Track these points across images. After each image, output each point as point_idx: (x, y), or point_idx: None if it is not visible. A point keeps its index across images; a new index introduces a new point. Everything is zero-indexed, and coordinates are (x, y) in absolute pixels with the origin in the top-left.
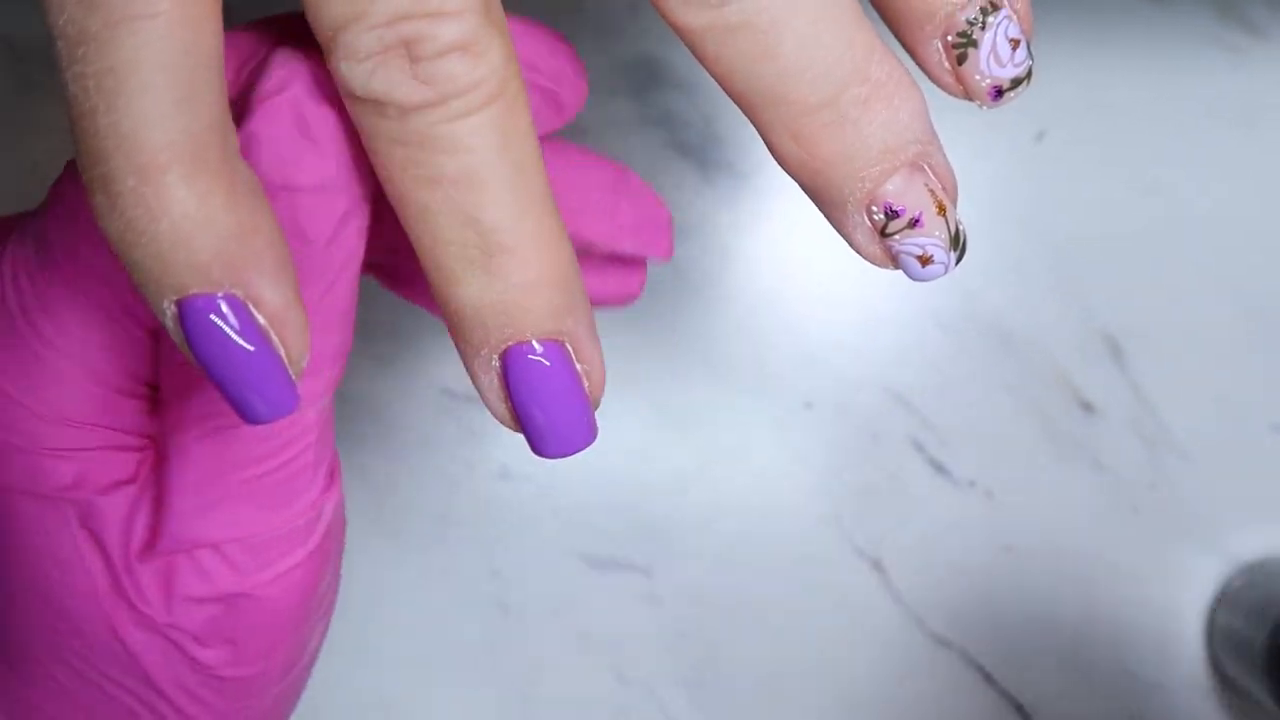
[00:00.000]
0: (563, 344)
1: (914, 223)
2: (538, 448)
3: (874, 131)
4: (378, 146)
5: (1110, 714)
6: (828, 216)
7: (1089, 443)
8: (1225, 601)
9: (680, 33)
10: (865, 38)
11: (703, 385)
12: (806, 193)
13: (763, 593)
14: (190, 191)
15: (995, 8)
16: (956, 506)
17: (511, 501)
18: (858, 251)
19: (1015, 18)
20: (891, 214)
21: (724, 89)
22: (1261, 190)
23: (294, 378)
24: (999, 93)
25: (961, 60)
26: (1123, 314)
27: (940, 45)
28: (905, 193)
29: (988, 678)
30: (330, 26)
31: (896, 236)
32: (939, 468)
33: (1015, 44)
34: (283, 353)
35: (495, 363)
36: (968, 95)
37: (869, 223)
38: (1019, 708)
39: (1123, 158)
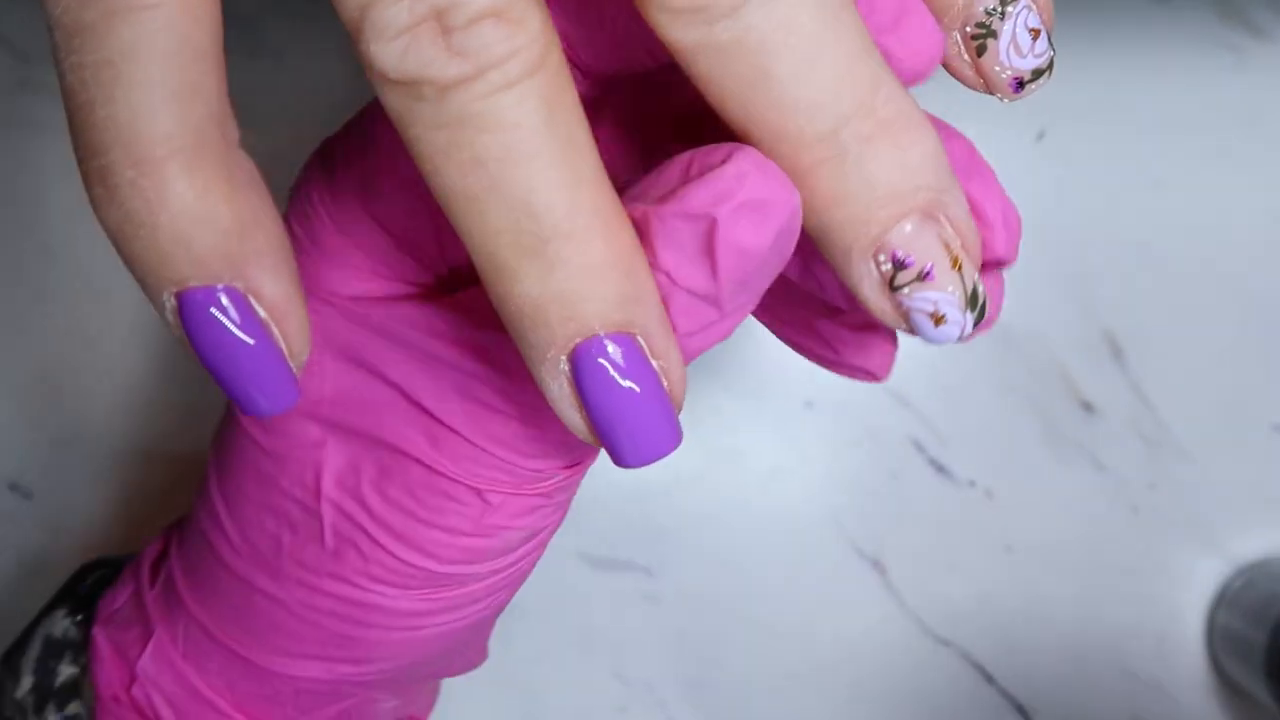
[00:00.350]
0: (634, 337)
1: (924, 275)
2: (620, 458)
3: (878, 172)
4: (417, 134)
5: (1110, 714)
6: (835, 267)
7: (1089, 443)
8: (1225, 601)
9: (672, 51)
10: (872, 69)
11: (703, 385)
12: (812, 239)
13: (763, 593)
14: (190, 184)
15: None
16: (956, 506)
17: None
18: (867, 307)
19: (1034, 7)
20: (899, 265)
21: (720, 115)
22: (1262, 190)
23: (295, 371)
24: (1020, 84)
25: (981, 51)
26: (1123, 314)
27: (959, 36)
28: (915, 241)
29: (988, 678)
30: (355, 7)
31: (906, 290)
32: (939, 468)
33: (1035, 34)
34: (284, 346)
35: (564, 366)
36: (988, 88)
37: (877, 273)
38: (1019, 708)
39: (1123, 157)
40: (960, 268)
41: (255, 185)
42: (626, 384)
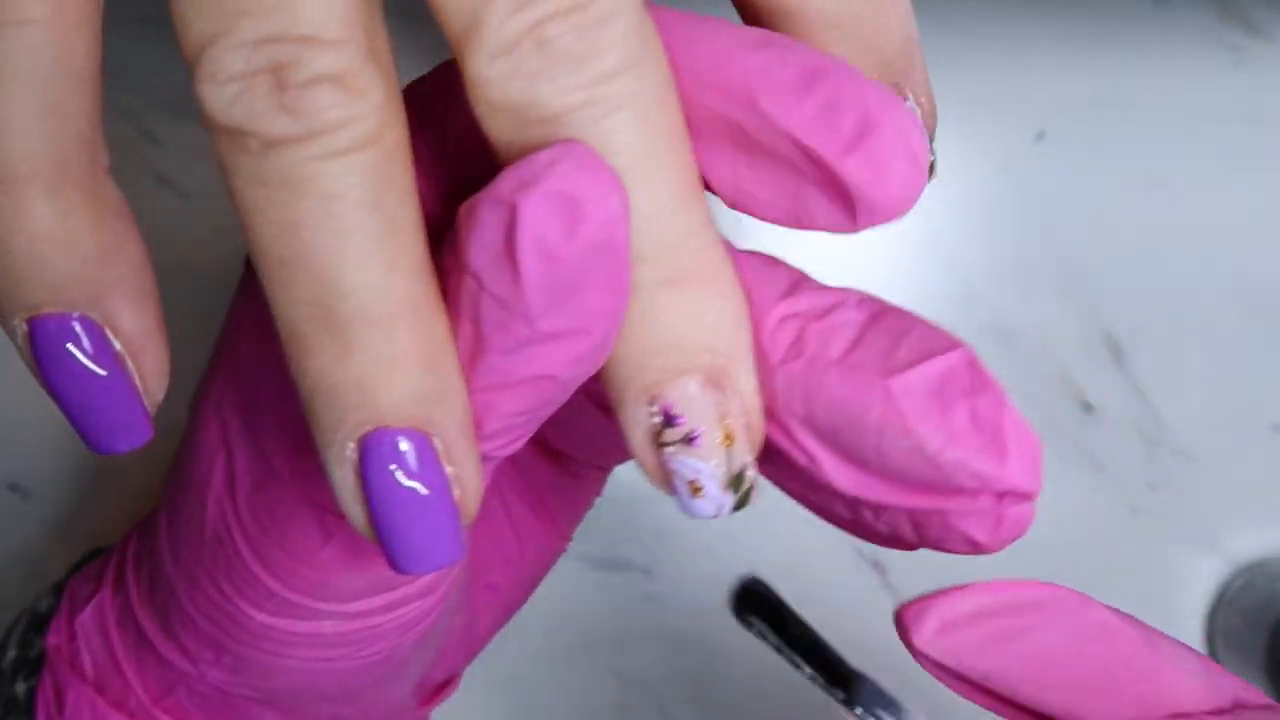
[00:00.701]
0: (429, 438)
1: (690, 440)
2: (394, 562)
3: (667, 319)
4: (238, 186)
5: None
6: (612, 405)
7: (1089, 443)
8: (1225, 601)
9: (490, 143)
10: (690, 217)
11: None
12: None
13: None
14: (51, 207)
15: (900, 98)
16: None
17: None
18: (633, 454)
19: (919, 111)
20: (669, 420)
21: None
22: (1262, 189)
23: (149, 410)
24: (924, 184)
25: None
26: (1123, 314)
27: None
28: (690, 403)
29: None
30: (196, 44)
31: (670, 449)
32: None
33: None
34: (138, 382)
35: (351, 452)
36: None
37: (647, 422)
38: None
39: (1123, 157)
40: (731, 444)
41: (121, 214)
42: (411, 484)
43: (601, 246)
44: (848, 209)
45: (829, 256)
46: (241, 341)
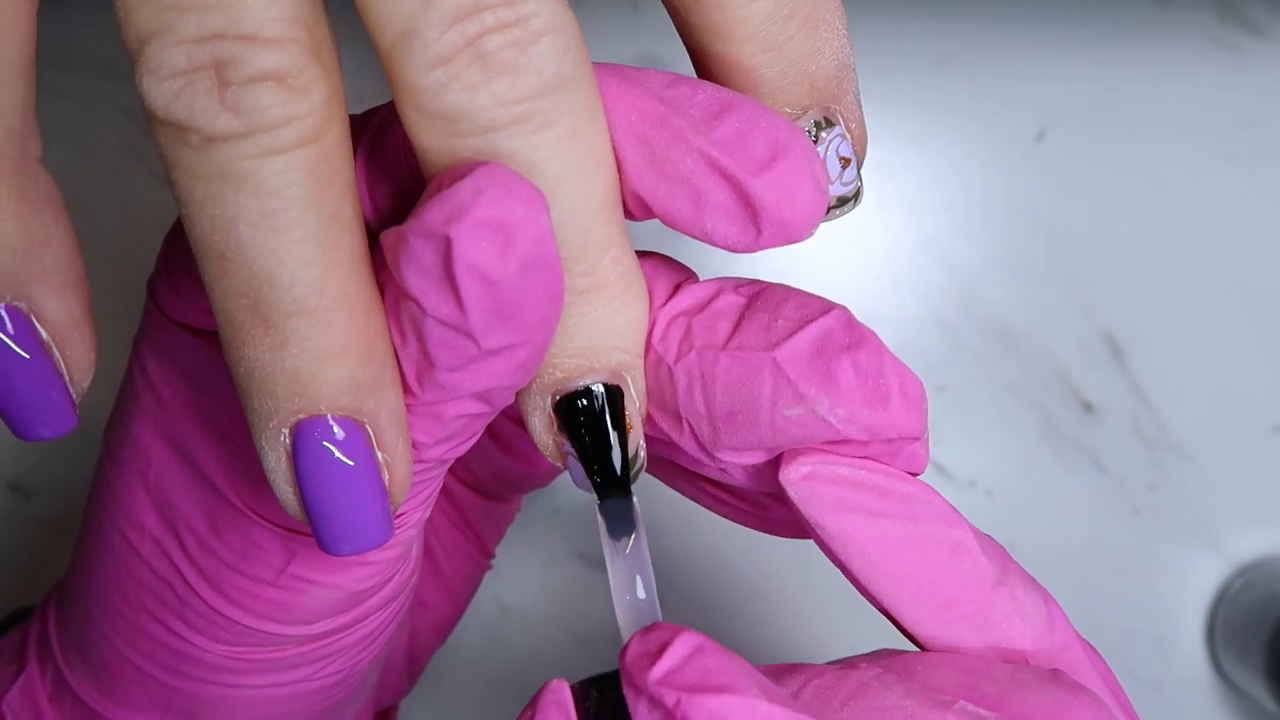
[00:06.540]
0: (362, 425)
1: None
2: (324, 542)
3: (580, 325)
4: (177, 178)
5: None
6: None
7: (1089, 443)
8: (1225, 601)
9: (416, 149)
10: (607, 231)
11: None
12: None
13: (763, 592)
14: None
15: (830, 124)
16: (956, 506)
17: None
18: (530, 433)
19: (849, 138)
20: None
21: None
22: (1261, 190)
23: (75, 397)
24: (826, 209)
25: None
26: (1123, 314)
27: None
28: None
29: None
30: (137, 38)
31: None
32: (939, 468)
33: (846, 163)
34: (64, 370)
35: (285, 438)
36: None
37: (550, 410)
38: None
39: (1123, 157)
40: (629, 432)
41: (51, 204)
42: (343, 467)
43: (535, 264)
44: (748, 228)
45: (827, 257)
46: (165, 386)
